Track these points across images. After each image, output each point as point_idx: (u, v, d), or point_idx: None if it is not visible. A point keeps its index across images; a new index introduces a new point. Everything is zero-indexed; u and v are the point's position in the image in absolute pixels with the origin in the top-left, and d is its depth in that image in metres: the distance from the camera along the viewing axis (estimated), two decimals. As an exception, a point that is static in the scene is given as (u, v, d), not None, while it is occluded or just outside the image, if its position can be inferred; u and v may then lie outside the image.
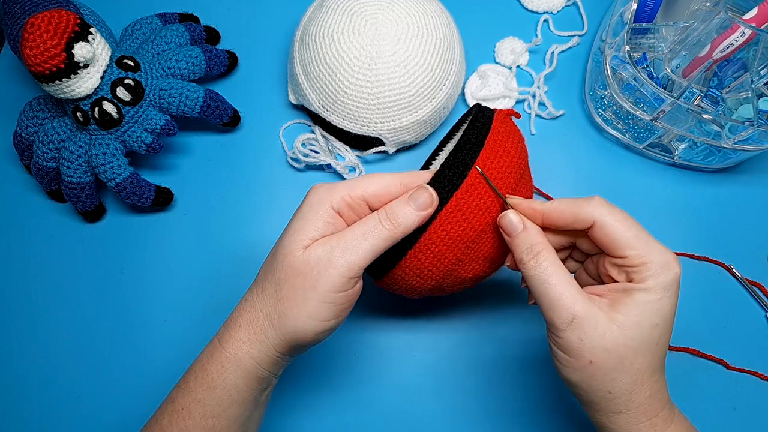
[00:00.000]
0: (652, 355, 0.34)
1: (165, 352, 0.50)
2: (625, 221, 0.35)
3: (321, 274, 0.34)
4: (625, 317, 0.33)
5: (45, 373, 0.50)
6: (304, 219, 0.36)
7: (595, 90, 0.55)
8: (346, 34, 0.49)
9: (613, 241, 0.35)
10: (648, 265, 0.34)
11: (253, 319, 0.36)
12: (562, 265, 0.35)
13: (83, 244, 0.53)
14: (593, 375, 0.34)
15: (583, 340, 0.33)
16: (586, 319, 0.33)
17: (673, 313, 0.34)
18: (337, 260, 0.34)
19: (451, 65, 0.53)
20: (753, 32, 0.45)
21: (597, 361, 0.33)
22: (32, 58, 0.42)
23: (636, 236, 0.34)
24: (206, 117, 0.52)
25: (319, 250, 0.35)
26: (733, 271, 0.52)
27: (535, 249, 0.35)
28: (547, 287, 0.34)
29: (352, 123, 0.52)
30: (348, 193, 0.36)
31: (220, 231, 0.54)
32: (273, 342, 0.36)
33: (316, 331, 0.35)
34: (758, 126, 0.47)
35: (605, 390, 0.34)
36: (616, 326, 0.33)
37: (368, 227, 0.35)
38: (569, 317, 0.33)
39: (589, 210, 0.35)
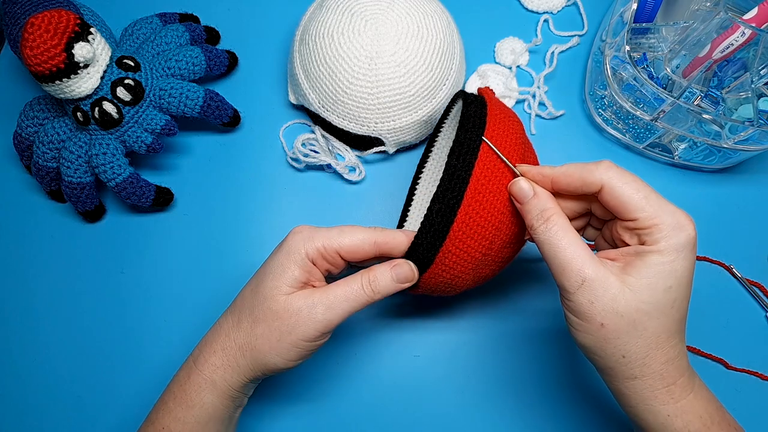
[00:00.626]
0: (666, 318, 0.33)
1: (165, 352, 0.50)
2: (634, 183, 0.34)
3: (299, 324, 0.37)
4: (637, 280, 0.33)
5: (45, 373, 0.50)
6: (282, 265, 0.38)
7: (595, 90, 0.55)
8: (346, 34, 0.49)
9: (622, 204, 0.34)
10: (659, 227, 0.33)
11: (227, 348, 0.39)
12: (572, 228, 0.35)
13: (83, 244, 0.53)
14: (606, 338, 0.33)
15: (594, 303, 0.33)
16: (596, 281, 0.33)
17: (689, 276, 0.34)
18: (317, 316, 0.37)
19: (451, 65, 0.53)
20: (753, 32, 0.45)
21: (608, 324, 0.33)
22: (32, 58, 0.42)
23: (645, 198, 0.34)
24: (206, 117, 0.52)
25: (301, 302, 0.37)
26: (733, 271, 0.52)
27: (545, 214, 0.36)
28: (557, 251, 0.34)
29: (352, 123, 0.52)
30: (323, 244, 0.38)
31: (220, 231, 0.54)
32: (244, 370, 0.39)
33: (281, 368, 0.39)
34: (758, 126, 0.47)
35: (619, 354, 0.34)
36: (629, 289, 0.33)
37: (351, 290, 0.38)
38: (579, 280, 0.33)
39: (598, 174, 0.35)
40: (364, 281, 0.38)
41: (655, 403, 0.34)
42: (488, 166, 0.37)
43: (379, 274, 0.38)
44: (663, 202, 0.34)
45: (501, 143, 0.38)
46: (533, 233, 0.36)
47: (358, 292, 0.38)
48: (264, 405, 0.48)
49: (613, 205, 0.35)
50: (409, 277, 0.39)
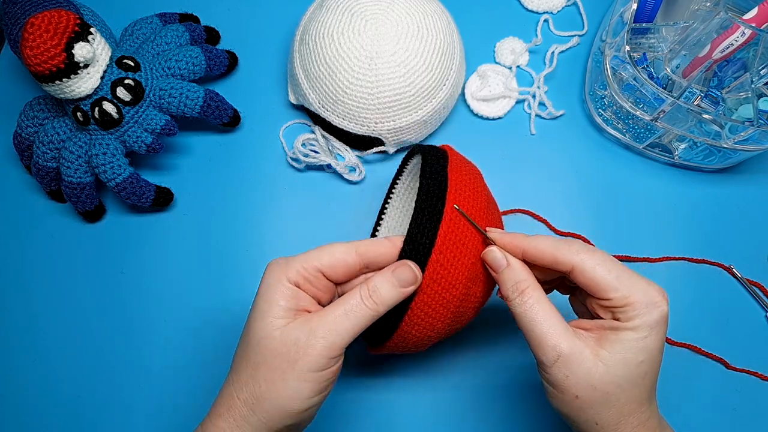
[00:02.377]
0: (638, 389, 0.34)
1: (165, 352, 0.50)
2: (605, 263, 0.34)
3: (300, 354, 0.33)
4: (610, 354, 0.33)
5: (45, 373, 0.50)
6: (265, 300, 0.35)
7: (595, 90, 0.55)
8: (346, 34, 0.49)
9: (595, 284, 0.34)
10: (633, 306, 0.34)
11: (232, 407, 0.35)
12: (548, 301, 0.35)
13: (83, 244, 0.53)
14: (580, 408, 0.34)
15: (569, 377, 0.34)
16: (571, 356, 0.33)
17: (660, 348, 0.34)
18: (318, 341, 0.33)
19: (451, 65, 0.53)
20: (753, 32, 0.45)
21: (583, 396, 0.34)
22: (32, 58, 0.42)
23: (617, 278, 0.34)
24: (206, 117, 0.52)
25: (298, 331, 0.34)
26: (733, 271, 0.52)
27: (520, 287, 0.36)
28: (533, 325, 0.35)
29: (352, 123, 0.52)
30: (302, 266, 0.35)
31: (220, 231, 0.54)
32: (256, 427, 0.34)
33: (299, 410, 0.34)
34: (758, 126, 0.47)
35: (592, 422, 0.34)
36: (602, 363, 0.33)
37: (350, 306, 0.35)
38: (555, 355, 0.34)
39: (569, 255, 0.35)
40: (363, 293, 0.35)
41: None
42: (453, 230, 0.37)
43: (378, 281, 0.35)
44: (635, 280, 0.34)
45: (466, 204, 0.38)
46: (508, 304, 0.36)
47: (358, 306, 0.35)
48: None
49: (585, 285, 0.35)
50: (411, 278, 0.36)
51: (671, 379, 0.49)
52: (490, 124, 0.57)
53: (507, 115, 0.57)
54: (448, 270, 0.37)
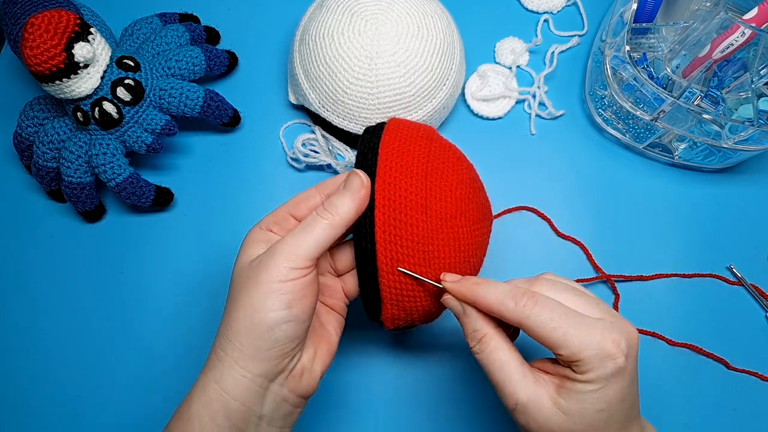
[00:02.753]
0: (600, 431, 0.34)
1: (165, 352, 0.50)
2: (553, 320, 0.33)
3: (261, 269, 0.34)
4: (568, 404, 0.33)
5: (45, 373, 0.50)
6: (243, 247, 0.37)
7: (595, 90, 0.55)
8: (346, 34, 0.49)
9: (543, 341, 0.33)
10: (583, 361, 0.32)
11: (214, 344, 0.35)
12: (507, 347, 0.35)
13: (83, 244, 0.53)
14: None
15: (529, 423, 0.34)
16: (529, 404, 0.33)
17: (622, 395, 0.33)
18: (277, 254, 0.34)
19: (451, 65, 0.53)
20: (753, 32, 0.45)
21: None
22: (32, 58, 0.42)
23: (565, 334, 0.32)
24: (206, 117, 0.52)
25: (260, 254, 0.35)
26: (733, 271, 0.52)
27: (477, 336, 0.36)
28: (491, 373, 0.35)
29: (352, 123, 0.52)
30: (273, 213, 0.38)
31: (220, 231, 0.54)
32: (232, 356, 0.33)
33: (266, 325, 0.33)
34: (758, 126, 0.47)
35: None
36: (561, 411, 0.33)
37: (307, 222, 0.36)
38: (513, 403, 0.34)
39: (515, 312, 0.34)
40: (318, 210, 0.36)
41: None
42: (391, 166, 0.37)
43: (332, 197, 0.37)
44: (587, 333, 0.32)
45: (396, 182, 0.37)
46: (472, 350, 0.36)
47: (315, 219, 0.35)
48: None
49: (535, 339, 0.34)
50: (358, 182, 0.36)
51: (671, 379, 0.49)
52: (490, 124, 0.57)
53: (507, 115, 0.57)
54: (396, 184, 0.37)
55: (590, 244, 0.52)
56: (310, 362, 0.36)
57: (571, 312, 0.33)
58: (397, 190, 0.37)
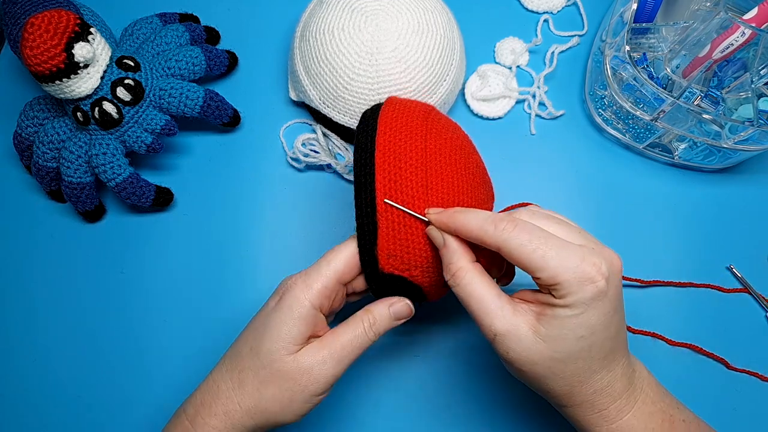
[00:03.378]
0: (584, 361, 0.34)
1: (165, 352, 0.50)
2: (531, 242, 0.33)
3: (311, 382, 0.37)
4: (548, 331, 0.33)
5: (45, 373, 0.50)
6: (285, 323, 0.37)
7: (595, 90, 0.55)
8: (346, 30, 0.49)
9: (521, 264, 0.33)
10: (562, 285, 0.32)
11: (230, 411, 0.37)
12: (483, 280, 0.35)
13: (83, 244, 0.53)
14: (528, 380, 0.35)
15: (509, 353, 0.34)
16: (508, 334, 0.34)
17: (604, 322, 0.33)
18: (328, 371, 0.37)
19: (452, 61, 0.53)
20: (753, 32, 0.45)
21: (526, 371, 0.34)
22: (32, 58, 0.42)
23: (544, 257, 0.32)
24: (206, 117, 0.52)
25: (311, 359, 0.37)
26: (733, 271, 0.52)
27: (452, 268, 0.36)
28: (469, 304, 0.35)
29: (353, 119, 0.52)
30: (324, 285, 0.38)
31: (220, 231, 0.54)
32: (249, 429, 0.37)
33: (293, 422, 0.38)
34: (758, 126, 0.47)
35: (543, 391, 0.35)
36: (541, 339, 0.33)
37: (356, 336, 0.38)
38: (491, 334, 0.34)
39: (494, 236, 0.33)
40: (365, 325, 0.38)
41: (590, 426, 0.36)
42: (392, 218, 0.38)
43: (377, 315, 0.38)
44: (566, 256, 0.32)
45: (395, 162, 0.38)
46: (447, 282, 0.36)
47: (362, 337, 0.38)
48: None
49: (515, 263, 0.34)
50: (405, 313, 0.39)
51: (672, 380, 0.49)
52: (490, 124, 0.57)
53: (507, 115, 0.57)
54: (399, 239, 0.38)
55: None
56: None
57: (551, 236, 0.33)
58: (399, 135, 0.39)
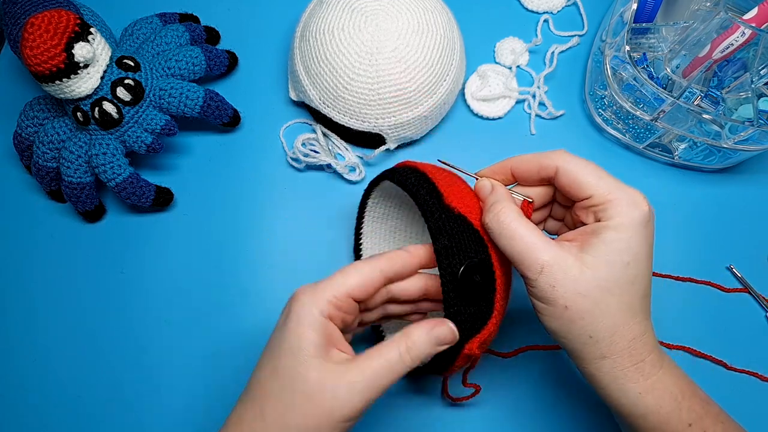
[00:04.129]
0: (628, 295, 0.34)
1: (165, 352, 0.50)
2: (587, 166, 0.36)
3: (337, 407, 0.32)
4: (594, 258, 0.33)
5: (44, 373, 0.50)
6: (297, 336, 0.34)
7: (595, 90, 0.55)
8: (346, 30, 0.49)
9: (577, 183, 0.35)
10: (612, 203, 0.34)
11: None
12: (525, 218, 0.36)
13: (83, 244, 0.53)
14: (571, 320, 0.34)
15: (555, 287, 0.33)
16: (555, 265, 0.33)
17: (647, 253, 0.34)
18: (356, 396, 0.32)
19: (452, 61, 0.53)
20: (753, 32, 0.45)
21: (572, 305, 0.33)
22: (32, 58, 0.42)
23: (599, 177, 0.35)
24: (206, 117, 0.52)
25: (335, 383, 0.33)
26: (733, 271, 0.52)
27: (496, 207, 0.36)
28: (513, 241, 0.35)
29: (353, 119, 0.52)
30: (333, 294, 0.35)
31: (220, 231, 0.54)
32: None
33: None
34: (758, 126, 0.47)
35: (586, 335, 0.34)
36: (587, 268, 0.33)
37: (389, 362, 0.33)
38: (538, 267, 0.34)
39: (553, 158, 0.37)
40: (401, 349, 0.34)
41: (625, 381, 0.35)
42: None
43: (416, 338, 0.34)
44: (617, 182, 0.35)
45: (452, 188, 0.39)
46: (488, 227, 0.36)
47: (396, 363, 0.33)
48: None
49: (568, 186, 0.36)
50: (449, 338, 0.35)
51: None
52: (490, 124, 0.57)
53: (507, 115, 0.57)
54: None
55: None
56: None
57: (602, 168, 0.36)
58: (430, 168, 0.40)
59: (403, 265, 0.38)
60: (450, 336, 0.35)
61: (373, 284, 0.36)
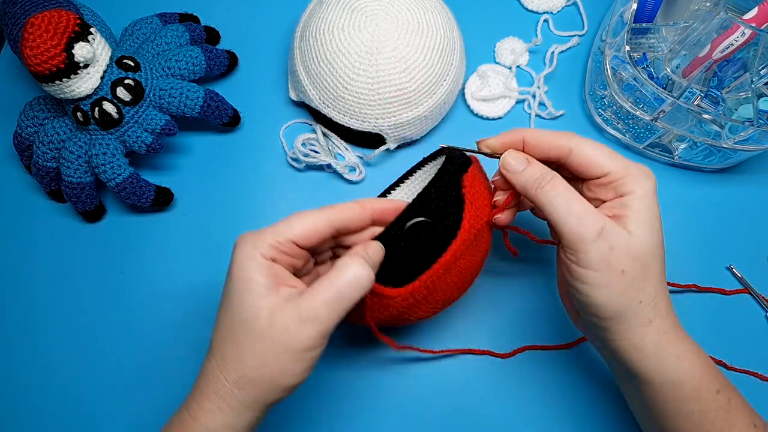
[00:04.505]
0: (661, 259, 0.36)
1: (165, 352, 0.50)
2: (599, 146, 0.37)
3: (291, 339, 0.33)
4: (636, 226, 0.35)
5: (44, 373, 0.50)
6: (241, 279, 0.34)
7: (595, 90, 0.55)
8: (346, 30, 0.49)
9: (594, 161, 0.37)
10: (630, 177, 0.36)
11: (219, 389, 0.35)
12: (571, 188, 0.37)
13: (83, 244, 0.53)
14: (626, 287, 0.35)
15: (613, 249, 0.34)
16: (612, 228, 0.35)
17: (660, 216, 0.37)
18: (308, 327, 0.33)
19: (452, 61, 0.53)
20: (753, 32, 0.45)
21: (628, 269, 0.35)
22: (32, 58, 0.42)
23: (611, 156, 0.37)
24: (206, 117, 0.52)
25: (285, 317, 0.33)
26: (733, 271, 0.52)
27: (547, 176, 0.37)
28: (572, 205, 0.35)
29: (353, 119, 0.52)
30: (275, 239, 0.35)
31: (220, 231, 0.54)
32: (247, 404, 0.34)
33: (289, 385, 0.35)
34: (758, 126, 0.47)
35: (636, 300, 0.35)
36: (634, 233, 0.35)
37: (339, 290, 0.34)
38: (599, 227, 0.35)
39: (567, 138, 0.38)
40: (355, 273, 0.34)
41: (667, 345, 0.36)
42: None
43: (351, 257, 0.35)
44: (625, 159, 0.37)
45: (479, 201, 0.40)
46: (538, 197, 0.37)
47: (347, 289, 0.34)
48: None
49: (583, 164, 0.37)
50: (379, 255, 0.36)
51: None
52: (490, 124, 0.57)
53: (507, 115, 0.57)
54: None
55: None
56: None
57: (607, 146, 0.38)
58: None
59: (351, 216, 0.38)
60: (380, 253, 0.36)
61: (317, 233, 0.36)
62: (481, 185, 0.41)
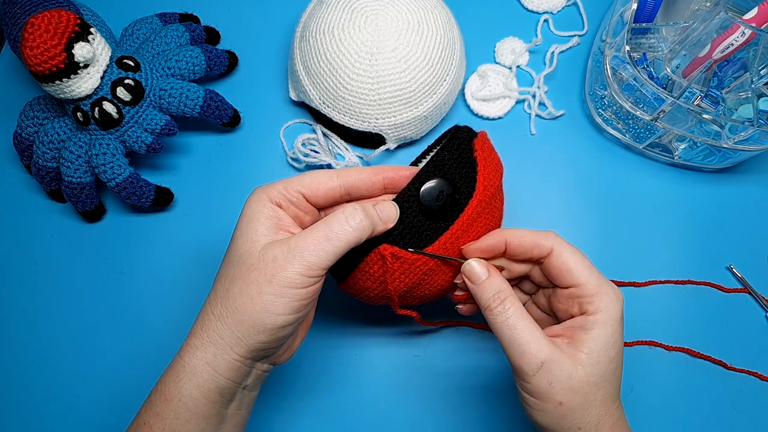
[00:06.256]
0: (610, 386, 0.35)
1: (165, 352, 0.50)
2: (578, 254, 0.37)
3: (277, 269, 0.33)
4: (586, 356, 0.34)
5: (44, 373, 0.50)
6: (247, 219, 0.36)
7: (595, 90, 0.55)
8: (346, 30, 0.49)
9: (569, 269, 0.36)
10: (600, 296, 0.35)
11: (205, 323, 0.35)
12: (525, 311, 0.36)
13: (83, 244, 0.53)
14: (563, 415, 0.35)
15: (552, 384, 0.34)
16: (553, 362, 0.34)
17: (622, 344, 0.36)
18: (296, 259, 0.33)
19: (452, 61, 0.53)
20: (753, 32, 0.45)
21: (566, 401, 0.34)
22: (32, 58, 0.42)
23: (589, 268, 0.36)
24: (206, 117, 0.52)
25: (276, 249, 0.34)
26: (733, 271, 0.52)
27: (501, 296, 0.36)
28: (515, 333, 0.35)
29: (353, 119, 0.52)
30: (284, 187, 0.37)
31: (220, 231, 0.54)
32: (228, 342, 0.34)
33: (272, 326, 0.34)
34: (758, 126, 0.47)
35: (575, 427, 0.35)
36: (580, 365, 0.34)
37: (333, 230, 0.34)
38: (538, 363, 0.34)
39: (549, 237, 0.37)
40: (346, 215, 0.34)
41: None
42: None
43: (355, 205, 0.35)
44: (600, 274, 0.37)
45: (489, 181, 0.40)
46: (488, 314, 0.36)
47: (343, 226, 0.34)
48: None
49: (559, 270, 0.37)
50: (393, 216, 0.37)
51: (671, 381, 0.49)
52: (490, 124, 0.57)
53: (507, 115, 0.57)
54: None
55: (590, 244, 0.52)
56: (292, 341, 0.39)
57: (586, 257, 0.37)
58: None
59: (362, 178, 0.38)
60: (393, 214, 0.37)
61: (326, 188, 0.37)
62: (492, 151, 0.41)
